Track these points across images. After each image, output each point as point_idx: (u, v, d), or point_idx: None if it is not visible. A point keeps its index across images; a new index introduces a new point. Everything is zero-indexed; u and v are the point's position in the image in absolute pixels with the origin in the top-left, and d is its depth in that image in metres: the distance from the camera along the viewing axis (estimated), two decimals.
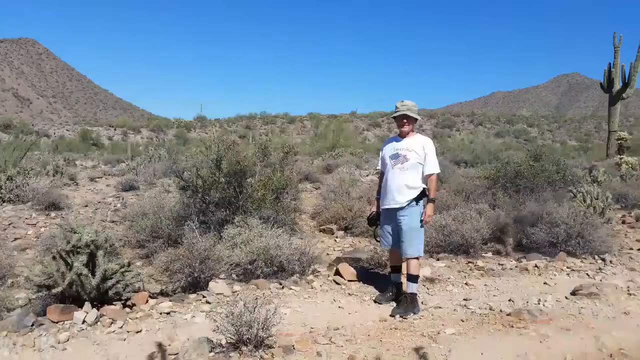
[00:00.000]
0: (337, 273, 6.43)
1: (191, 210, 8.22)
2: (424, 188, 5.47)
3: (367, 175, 18.69)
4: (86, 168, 23.71)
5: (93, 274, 4.88)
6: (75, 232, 5.01)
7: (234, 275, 6.28)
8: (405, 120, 5.54)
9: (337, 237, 9.33)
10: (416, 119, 5.59)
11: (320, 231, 9.78)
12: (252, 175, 8.67)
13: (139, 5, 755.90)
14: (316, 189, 15.27)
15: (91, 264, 4.95)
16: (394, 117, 5.62)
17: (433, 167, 5.48)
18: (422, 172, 5.47)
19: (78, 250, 4.92)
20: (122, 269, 5.13)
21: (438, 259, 7.48)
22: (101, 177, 18.63)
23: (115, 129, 60.02)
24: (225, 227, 7.34)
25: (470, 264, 7.25)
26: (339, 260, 6.94)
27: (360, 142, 43.21)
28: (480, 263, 7.28)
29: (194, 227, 7.16)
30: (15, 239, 8.89)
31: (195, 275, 5.86)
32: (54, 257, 4.89)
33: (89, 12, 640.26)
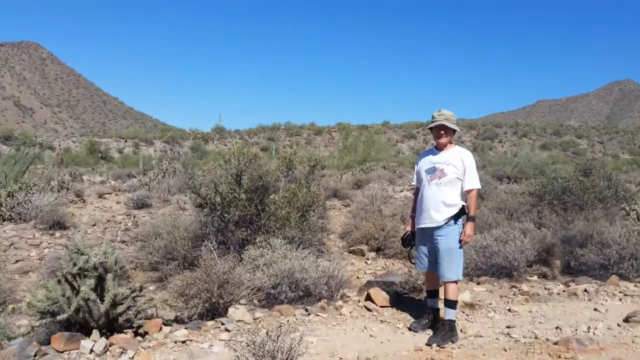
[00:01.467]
0: (369, 298, 6.45)
1: (209, 229, 8.30)
2: (463, 205, 5.48)
3: (401, 192, 18.68)
4: (94, 183, 24.08)
5: (102, 299, 4.90)
6: (82, 254, 5.04)
7: (255, 301, 6.34)
8: (442, 132, 5.56)
9: (368, 259, 9.37)
10: (455, 130, 5.60)
11: (349, 252, 9.83)
12: (276, 192, 8.73)
13: (151, 7, 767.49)
14: (345, 206, 15.32)
15: (99, 288, 4.98)
16: (431, 128, 5.64)
17: (473, 182, 5.49)
18: (461, 188, 5.48)
19: (85, 273, 4.96)
20: (134, 294, 5.14)
21: (478, 283, 7.48)
22: (110, 194, 18.88)
23: (125, 141, 60.78)
24: (246, 247, 7.40)
25: (513, 288, 7.24)
26: (370, 284, 6.97)
27: (393, 155, 43.18)
28: (524, 287, 7.26)
29: (212, 248, 7.27)
30: (17, 261, 9.00)
31: (214, 300, 5.91)
32: (59, 281, 4.92)
33: (97, 14, 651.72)
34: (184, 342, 5.06)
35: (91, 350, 4.65)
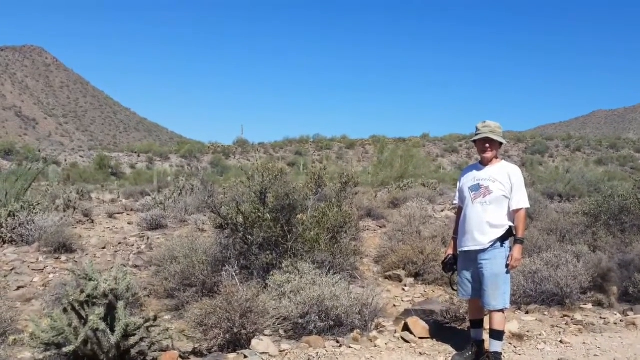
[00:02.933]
0: (406, 328, 6.48)
1: (230, 252, 8.37)
2: (510, 226, 5.48)
3: (442, 211, 18.70)
4: (103, 202, 24.43)
5: (112, 330, 4.89)
6: (90, 280, 5.07)
7: (281, 331, 6.38)
8: (487, 145, 5.58)
9: (405, 285, 9.40)
10: (501, 143, 5.62)
11: (385, 278, 9.87)
12: (304, 211, 8.80)
13: (166, 8, 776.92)
14: (380, 227, 15.36)
15: (110, 317, 4.98)
16: (474, 141, 5.68)
17: (521, 201, 5.49)
18: (508, 207, 5.49)
19: (94, 301, 4.97)
20: (147, 324, 5.08)
21: (527, 312, 7.47)
22: (122, 213, 19.18)
23: (138, 155, 61.58)
24: (271, 272, 7.46)
25: (566, 318, 7.21)
26: (408, 313, 6.99)
27: (433, 171, 43.05)
28: (578, 316, 7.24)
29: (234, 273, 7.35)
30: (19, 287, 9.12)
31: (235, 330, 5.96)
32: (65, 310, 4.92)
33: (107, 17, 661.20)
34: None
35: None
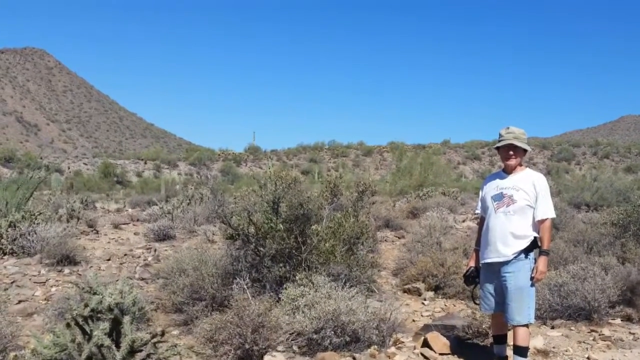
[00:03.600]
0: (426, 344, 6.49)
1: (241, 265, 8.38)
2: (535, 237, 5.49)
3: (464, 221, 18.69)
4: (109, 212, 24.61)
5: (117, 346, 4.85)
6: (95, 293, 5.02)
7: (295, 347, 6.40)
8: (511, 152, 5.59)
9: (425, 299, 9.39)
10: (525, 150, 5.63)
11: (404, 291, 9.86)
12: (318, 221, 8.82)
13: (173, 9, 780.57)
14: (399, 238, 15.38)
15: (115, 332, 4.97)
16: (498, 148, 5.70)
17: (547, 210, 5.49)
18: (533, 218, 5.50)
19: (99, 315, 4.94)
20: (155, 339, 5.07)
21: (553, 327, 7.45)
22: (127, 224, 19.30)
23: (145, 163, 61.88)
24: (284, 286, 7.49)
25: (593, 333, 7.20)
26: (427, 328, 6.99)
27: (454, 180, 43.05)
28: (606, 332, 7.22)
29: (245, 286, 7.38)
30: (20, 301, 9.11)
31: (247, 347, 5.99)
32: (68, 324, 4.87)
33: (112, 19, 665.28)
34: None
35: None
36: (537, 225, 5.50)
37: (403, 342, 6.78)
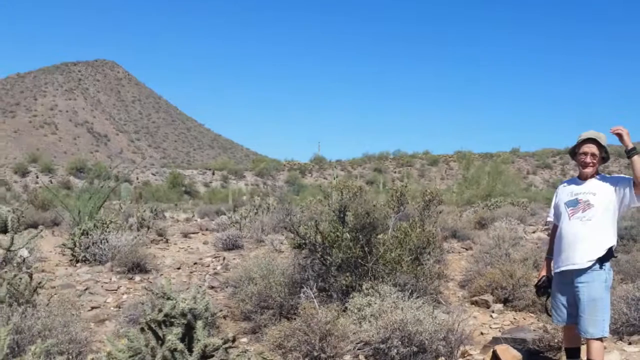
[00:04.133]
0: (495, 357, 6.43)
1: (308, 274, 8.48)
2: (611, 247, 5.27)
3: (534, 232, 18.40)
4: (178, 221, 24.99)
5: (190, 351, 4.93)
6: (168, 299, 5.22)
7: (361, 357, 6.46)
8: (589, 160, 5.42)
9: (493, 312, 9.31)
10: (604, 158, 5.49)
11: (471, 303, 9.79)
12: (384, 231, 8.85)
13: (237, 22, 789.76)
14: (466, 249, 15.25)
15: (188, 337, 5.05)
16: (574, 153, 5.57)
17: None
18: (611, 224, 5.32)
19: (172, 320, 5.01)
20: (226, 345, 5.27)
21: (630, 342, 7.24)
22: (197, 233, 19.57)
23: (213, 173, 62.64)
24: (351, 295, 7.56)
25: None
26: (496, 340, 6.93)
27: (523, 189, 42.50)
28: None
29: (312, 295, 7.46)
30: (92, 308, 9.36)
31: (315, 354, 6.07)
32: (142, 329, 4.97)
33: (179, 32, 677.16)
34: None
35: None
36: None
37: (471, 354, 6.75)
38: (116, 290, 10.59)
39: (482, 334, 8.03)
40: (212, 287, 10.71)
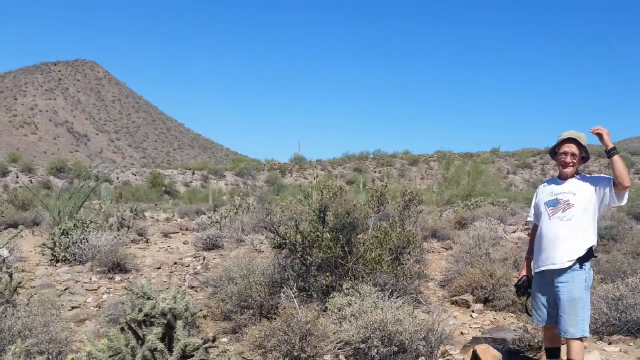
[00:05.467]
0: (475, 357, 6.43)
1: (288, 274, 8.49)
2: (591, 247, 5.28)
3: (514, 232, 18.50)
4: (158, 221, 24.89)
5: (170, 350, 4.92)
6: (149, 299, 5.19)
7: (342, 357, 6.45)
8: (569, 160, 5.43)
9: (473, 312, 9.33)
10: (584, 158, 5.47)
11: (452, 303, 9.81)
12: (365, 231, 8.84)
13: (217, 22, 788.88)
14: (446, 249, 15.30)
15: (168, 337, 5.02)
16: (554, 153, 5.55)
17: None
18: (591, 224, 5.31)
19: (152, 320, 4.99)
20: (207, 345, 5.24)
21: (610, 343, 7.26)
22: (177, 233, 19.55)
23: (193, 173, 62.48)
24: (331, 295, 7.55)
25: None
26: (477, 340, 6.95)
27: (504, 189, 42.68)
28: None
29: (293, 295, 7.43)
30: (72, 307, 9.33)
31: (295, 354, 6.05)
32: (122, 329, 4.98)
33: (159, 31, 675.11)
34: None
35: None
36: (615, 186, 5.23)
37: (451, 354, 6.75)
38: (96, 290, 10.56)
39: (462, 334, 8.03)
40: (192, 287, 10.69)
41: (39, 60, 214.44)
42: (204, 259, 13.74)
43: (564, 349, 5.63)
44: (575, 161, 5.43)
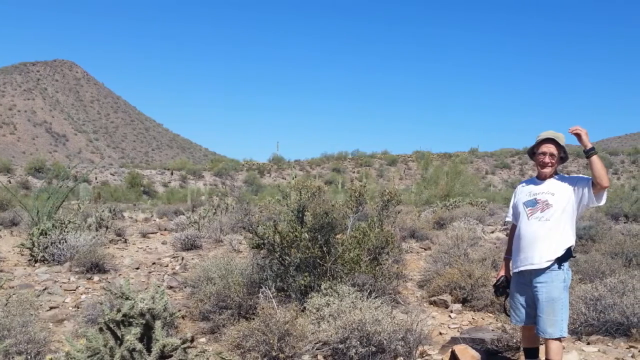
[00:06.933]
0: (454, 357, 6.43)
1: (266, 274, 8.47)
2: (569, 247, 5.28)
3: (492, 232, 18.56)
4: (136, 221, 24.79)
5: (149, 350, 4.91)
6: (127, 299, 5.15)
7: (320, 357, 6.44)
8: (548, 160, 5.43)
9: (452, 312, 9.33)
10: (562, 158, 5.49)
11: (430, 303, 9.80)
12: (343, 231, 8.83)
13: (195, 22, 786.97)
14: (425, 249, 15.32)
15: (146, 337, 5.01)
16: (532, 153, 5.57)
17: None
18: (570, 224, 5.32)
19: (130, 320, 4.98)
20: (185, 345, 5.21)
21: (589, 342, 7.28)
22: (155, 233, 19.46)
23: (171, 173, 62.27)
24: (309, 295, 7.55)
25: (632, 349, 7.02)
26: (455, 340, 6.94)
27: (482, 189, 42.84)
28: None
29: (271, 295, 7.40)
30: (51, 307, 9.24)
31: (274, 354, 6.03)
32: (101, 329, 4.94)
33: (139, 32, 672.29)
34: None
35: None
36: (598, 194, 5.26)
37: (430, 354, 6.75)
38: (75, 290, 10.49)
39: (440, 334, 8.02)
40: (170, 287, 10.65)
41: (17, 60, 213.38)
42: (183, 259, 13.70)
43: (542, 349, 5.64)
44: (553, 161, 5.43)
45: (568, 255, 5.30)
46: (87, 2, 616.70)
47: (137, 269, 12.62)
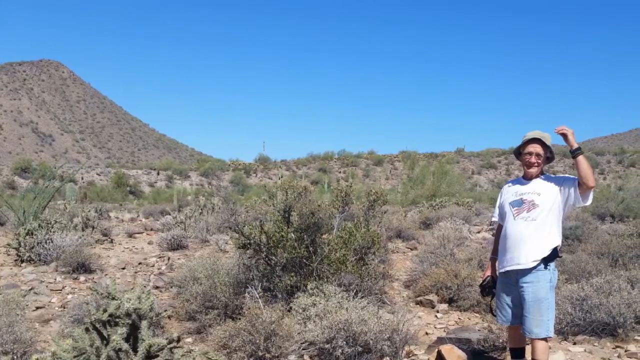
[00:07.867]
0: (440, 357, 6.43)
1: (253, 274, 8.44)
2: (556, 247, 5.28)
3: (479, 232, 18.59)
4: (122, 221, 24.70)
5: (135, 350, 4.88)
6: (113, 299, 5.13)
7: (306, 357, 6.43)
8: (534, 160, 5.43)
9: (438, 312, 9.33)
10: (548, 158, 5.50)
11: (416, 303, 9.80)
12: (329, 231, 8.82)
13: (184, 20, 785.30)
14: (411, 249, 15.32)
15: (132, 337, 5.00)
16: (519, 153, 5.57)
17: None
18: (556, 224, 5.32)
19: (116, 320, 4.95)
20: (171, 345, 5.18)
21: (575, 343, 7.29)
22: (141, 233, 19.37)
23: (158, 173, 62.09)
24: (296, 295, 7.54)
25: (618, 349, 7.04)
26: (441, 340, 6.95)
27: (468, 189, 42.94)
28: (632, 348, 7.03)
29: (257, 295, 7.38)
30: (37, 308, 9.20)
31: (260, 354, 6.03)
32: (87, 329, 4.91)
33: (125, 31, 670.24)
34: None
35: None
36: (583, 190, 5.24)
37: (416, 354, 6.74)
38: (61, 290, 10.48)
39: (427, 333, 8.02)
40: (156, 287, 10.63)
41: (3, 60, 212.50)
42: (169, 259, 13.66)
43: (528, 349, 5.62)
44: (539, 161, 5.43)
45: (554, 255, 5.29)
46: (73, 2, 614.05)
47: (124, 269, 12.58)
